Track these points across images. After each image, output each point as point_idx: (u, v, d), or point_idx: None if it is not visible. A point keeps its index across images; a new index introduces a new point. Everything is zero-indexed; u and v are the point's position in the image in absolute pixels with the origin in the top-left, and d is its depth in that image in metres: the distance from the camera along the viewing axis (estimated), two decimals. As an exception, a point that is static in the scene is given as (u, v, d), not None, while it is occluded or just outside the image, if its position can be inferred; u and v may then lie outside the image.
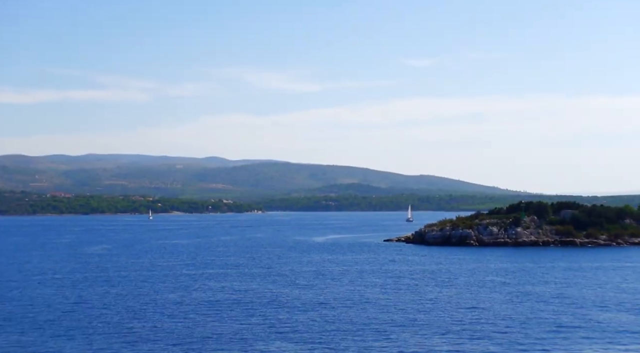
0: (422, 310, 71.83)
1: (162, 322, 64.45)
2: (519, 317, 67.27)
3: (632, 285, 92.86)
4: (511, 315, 68.30)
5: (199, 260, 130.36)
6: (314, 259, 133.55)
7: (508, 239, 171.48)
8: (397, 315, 68.38)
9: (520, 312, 70.47)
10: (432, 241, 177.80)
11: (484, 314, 69.09)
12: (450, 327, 62.49)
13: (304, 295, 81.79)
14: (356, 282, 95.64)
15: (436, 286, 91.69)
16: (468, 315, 68.41)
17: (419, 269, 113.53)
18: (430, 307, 73.79)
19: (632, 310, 71.27)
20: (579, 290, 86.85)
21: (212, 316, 67.68)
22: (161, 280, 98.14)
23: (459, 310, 71.42)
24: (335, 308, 72.29)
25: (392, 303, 75.76)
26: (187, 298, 78.97)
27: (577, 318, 67.13)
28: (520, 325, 63.57)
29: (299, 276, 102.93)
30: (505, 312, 70.15)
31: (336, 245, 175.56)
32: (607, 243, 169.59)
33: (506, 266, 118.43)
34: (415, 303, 75.84)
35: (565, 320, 66.07)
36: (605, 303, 76.45)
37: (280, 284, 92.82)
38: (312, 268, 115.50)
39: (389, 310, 71.62)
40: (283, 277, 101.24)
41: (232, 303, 75.21)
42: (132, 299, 78.90)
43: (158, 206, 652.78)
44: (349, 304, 75.20)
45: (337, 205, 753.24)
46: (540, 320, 66.02)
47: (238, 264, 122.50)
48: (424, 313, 69.85)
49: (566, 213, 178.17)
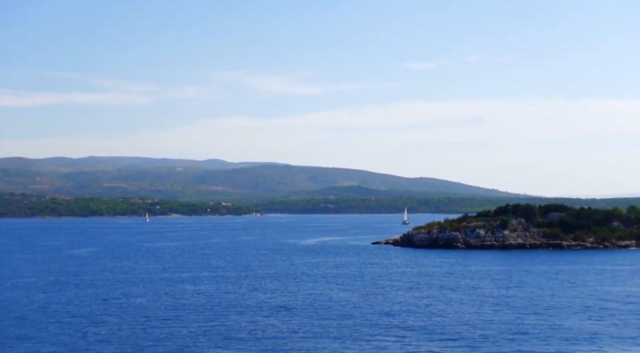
0: (382, 313, 71.36)
1: (119, 327, 64.10)
2: (476, 322, 66.81)
3: (607, 289, 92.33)
4: (470, 320, 67.85)
5: (179, 264, 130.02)
6: (295, 262, 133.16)
7: (495, 242, 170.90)
8: (353, 319, 67.91)
9: (481, 316, 70.00)
10: (419, 244, 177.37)
11: (441, 318, 68.63)
12: (401, 331, 62.07)
13: (270, 299, 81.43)
14: (328, 285, 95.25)
15: (407, 289, 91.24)
16: (424, 319, 67.97)
17: (396, 272, 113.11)
18: (391, 310, 73.32)
19: (596, 316, 70.62)
20: (550, 294, 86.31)
21: (171, 321, 67.30)
22: (135, 283, 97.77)
23: (417, 314, 70.93)
24: (296, 313, 71.88)
25: (355, 307, 75.33)
26: (153, 303, 78.59)
27: (538, 323, 66.66)
28: (474, 329, 63.14)
29: (273, 279, 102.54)
30: (464, 316, 69.68)
31: (322, 248, 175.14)
32: (594, 246, 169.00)
33: (485, 269, 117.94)
34: (377, 307, 75.36)
35: (523, 324, 65.60)
36: (573, 307, 75.91)
37: (251, 288, 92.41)
38: (289, 271, 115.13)
39: (349, 313, 71.17)
40: (257, 280, 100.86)
41: (195, 308, 74.83)
42: (98, 303, 78.56)
43: (157, 208, 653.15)
44: (310, 308, 74.78)
45: (336, 207, 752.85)
46: (499, 324, 65.59)
47: (216, 267, 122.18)
48: (383, 316, 69.37)
49: (554, 216, 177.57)
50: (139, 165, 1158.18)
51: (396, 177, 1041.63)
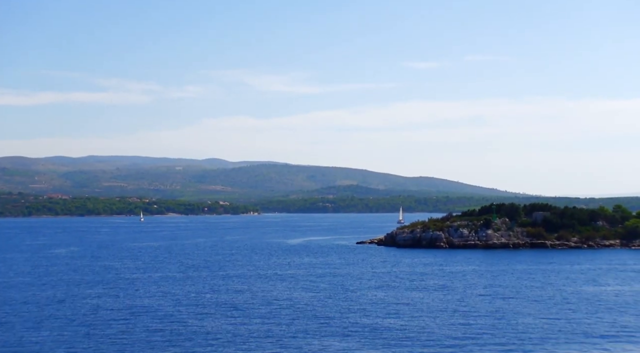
0: (336, 314, 70.32)
1: (60, 332, 62.68)
2: (427, 324, 65.77)
3: (572, 288, 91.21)
4: (422, 321, 66.82)
5: (153, 264, 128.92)
6: (271, 262, 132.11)
7: (478, 241, 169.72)
8: (301, 320, 66.88)
9: (437, 318, 68.94)
10: (402, 243, 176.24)
11: (393, 319, 67.57)
12: (348, 331, 61.06)
13: (227, 300, 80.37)
14: (294, 285, 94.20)
15: (373, 289, 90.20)
16: (377, 319, 66.94)
17: (368, 272, 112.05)
18: (347, 310, 72.26)
19: (549, 318, 69.60)
20: (513, 294, 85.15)
21: (120, 322, 66.28)
22: (99, 284, 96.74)
23: (371, 314, 69.90)
24: (247, 314, 70.88)
25: (310, 307, 74.30)
26: (106, 305, 77.52)
27: (487, 324, 65.59)
28: (422, 331, 62.13)
29: (241, 279, 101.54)
30: (417, 318, 68.62)
31: (305, 248, 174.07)
32: (577, 246, 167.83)
33: (459, 269, 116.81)
34: (333, 307, 74.30)
35: (470, 327, 64.54)
36: (528, 309, 74.80)
37: (214, 288, 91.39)
38: (261, 271, 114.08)
39: (300, 314, 70.14)
40: (224, 281, 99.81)
41: (147, 309, 73.70)
42: (51, 305, 77.48)
43: (154, 208, 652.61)
44: (264, 309, 73.76)
45: (334, 206, 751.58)
46: (448, 326, 64.52)
47: (189, 267, 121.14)
48: (336, 318, 68.33)
49: (538, 215, 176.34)
50: (138, 164, 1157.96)
51: (395, 177, 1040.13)
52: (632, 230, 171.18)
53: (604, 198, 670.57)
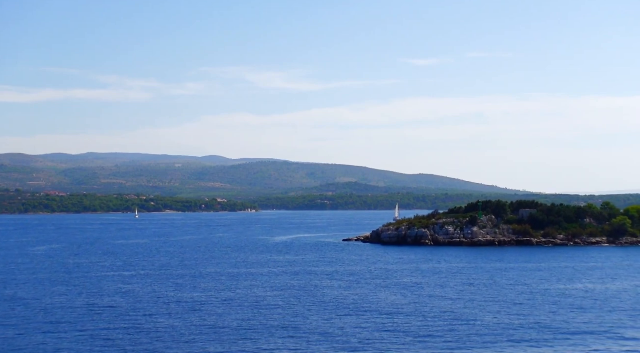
0: (301, 312, 69.01)
1: (16, 331, 61.49)
2: (390, 324, 64.42)
3: (541, 287, 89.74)
4: (370, 320, 65.45)
5: (131, 262, 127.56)
6: (248, 260, 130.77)
7: (464, 239, 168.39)
8: (249, 321, 65.54)
9: (400, 315, 67.60)
10: (387, 240, 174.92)
11: (361, 318, 66.24)
12: (285, 332, 59.72)
13: (187, 299, 79.09)
14: (261, 284, 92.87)
15: (336, 288, 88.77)
16: (341, 320, 65.57)
17: (341, 271, 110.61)
18: (299, 310, 70.90)
19: (509, 319, 68.24)
20: (480, 294, 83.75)
21: (72, 322, 65.04)
22: (67, 282, 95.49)
23: (323, 314, 68.55)
24: (203, 313, 69.59)
25: (267, 307, 73.01)
26: (67, 302, 76.40)
27: (446, 324, 64.23)
28: (377, 331, 60.85)
29: (211, 278, 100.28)
30: (368, 317, 67.26)
31: (288, 246, 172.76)
32: (564, 243, 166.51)
33: (436, 267, 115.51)
34: (292, 308, 72.95)
35: (426, 326, 63.17)
36: (488, 309, 73.41)
37: (179, 286, 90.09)
38: (234, 270, 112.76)
39: (265, 312, 68.85)
40: (192, 280, 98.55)
41: (104, 309, 72.37)
42: (7, 304, 76.14)
43: (151, 205, 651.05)
44: (221, 308, 72.56)
45: (333, 204, 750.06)
46: (405, 326, 63.19)
47: (165, 265, 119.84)
48: (298, 316, 67.00)
49: (524, 213, 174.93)
50: (138, 161, 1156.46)
51: (395, 174, 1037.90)
52: (619, 227, 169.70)
53: (605, 196, 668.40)
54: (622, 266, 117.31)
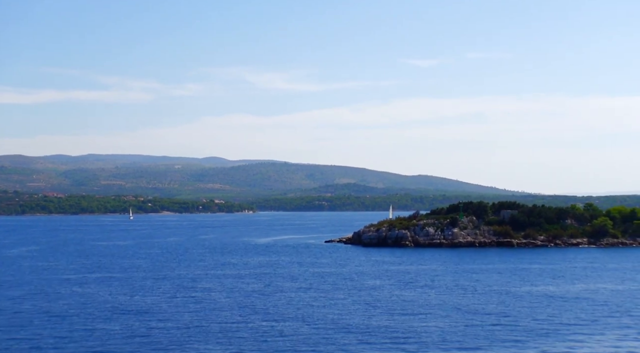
0: (235, 317, 68.15)
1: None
2: (337, 324, 63.52)
3: (500, 288, 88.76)
4: (319, 322, 64.61)
5: (101, 264, 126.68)
6: (218, 262, 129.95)
7: (444, 240, 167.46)
8: (205, 322, 64.66)
9: (342, 317, 66.71)
10: (367, 242, 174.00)
11: (303, 320, 65.36)
12: (238, 335, 58.88)
13: (139, 302, 78.30)
14: (224, 287, 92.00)
15: (296, 290, 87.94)
16: (272, 322, 64.70)
17: (309, 272, 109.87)
18: (251, 312, 70.07)
19: (459, 318, 67.31)
20: (436, 295, 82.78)
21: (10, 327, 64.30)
22: (24, 284, 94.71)
23: (269, 316, 67.71)
24: (151, 316, 68.85)
25: (221, 309, 72.19)
26: (18, 306, 75.59)
27: (390, 325, 63.29)
28: (325, 330, 59.91)
29: (172, 281, 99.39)
30: (318, 318, 66.41)
31: (269, 247, 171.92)
32: (544, 244, 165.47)
33: (407, 268, 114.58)
34: (240, 310, 72.14)
35: (369, 325, 62.27)
36: (441, 308, 72.52)
37: (137, 290, 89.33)
38: (199, 272, 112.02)
39: (208, 315, 67.99)
40: (153, 282, 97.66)
41: (48, 315, 71.41)
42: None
43: (148, 206, 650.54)
44: (170, 312, 71.79)
45: (331, 205, 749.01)
46: (348, 327, 62.30)
47: (134, 268, 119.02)
48: (240, 322, 66.06)
49: (505, 214, 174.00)
50: (138, 163, 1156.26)
51: (394, 175, 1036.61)
52: (600, 228, 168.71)
53: (602, 196, 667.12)
54: (591, 268, 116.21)
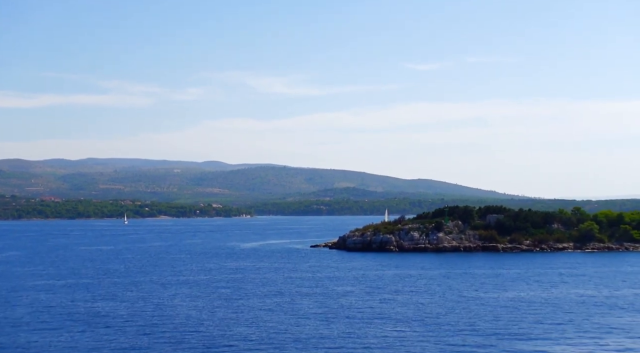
0: (193, 324, 66.60)
1: None
2: (285, 333, 61.98)
3: (469, 294, 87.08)
4: (274, 329, 63.06)
5: (75, 270, 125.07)
6: (194, 267, 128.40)
7: (429, 245, 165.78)
8: (158, 329, 63.17)
9: (299, 326, 65.19)
10: (352, 247, 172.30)
11: (257, 327, 63.80)
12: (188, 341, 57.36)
13: (102, 308, 76.91)
14: (189, 293, 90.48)
15: (267, 296, 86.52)
16: (224, 329, 63.18)
17: (283, 278, 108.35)
18: (205, 319, 68.55)
19: (420, 324, 65.72)
20: (401, 302, 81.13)
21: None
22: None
23: (231, 323, 66.18)
24: (107, 324, 67.34)
25: (178, 316, 70.72)
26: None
27: (347, 330, 61.72)
28: (276, 338, 58.37)
29: (139, 287, 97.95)
30: (273, 325, 64.86)
31: (252, 252, 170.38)
32: (529, 249, 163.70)
33: (384, 274, 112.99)
34: (195, 317, 70.51)
35: (321, 333, 60.71)
36: (399, 316, 70.94)
37: (103, 296, 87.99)
38: (172, 277, 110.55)
39: (163, 322, 66.51)
40: (121, 288, 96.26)
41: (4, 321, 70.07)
42: None
43: (145, 211, 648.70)
44: (123, 318, 70.31)
45: (329, 209, 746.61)
46: (306, 333, 60.75)
47: (107, 273, 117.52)
48: (190, 328, 64.58)
49: (491, 218, 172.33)
50: (137, 167, 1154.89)
51: (394, 179, 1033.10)
52: (587, 233, 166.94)
53: (601, 201, 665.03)
54: (567, 274, 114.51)
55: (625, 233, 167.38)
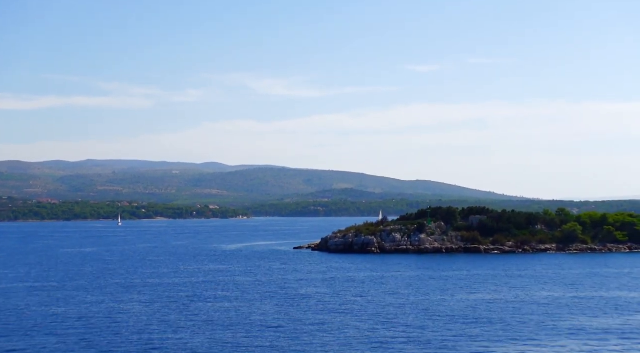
0: (147, 326, 65.13)
1: None
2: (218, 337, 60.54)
3: (433, 297, 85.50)
4: (212, 333, 61.61)
5: (44, 273, 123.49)
6: (169, 270, 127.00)
7: (411, 246, 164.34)
8: (105, 334, 61.73)
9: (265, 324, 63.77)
10: (334, 248, 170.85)
11: (203, 333, 62.39)
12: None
13: (53, 313, 75.63)
14: (150, 297, 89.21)
15: (226, 299, 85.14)
16: (168, 334, 61.67)
17: (252, 280, 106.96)
18: (153, 322, 67.06)
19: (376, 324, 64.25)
20: (361, 305, 79.63)
21: None
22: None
23: (166, 328, 64.72)
24: (53, 330, 65.92)
25: (128, 320, 69.31)
26: None
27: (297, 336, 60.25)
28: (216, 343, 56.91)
29: (104, 290, 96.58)
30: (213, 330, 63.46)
31: (232, 254, 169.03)
32: (512, 250, 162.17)
33: (355, 276, 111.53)
34: (155, 319, 69.03)
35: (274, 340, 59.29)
36: (352, 320, 69.48)
37: (54, 300, 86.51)
38: (141, 280, 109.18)
39: (109, 327, 65.09)
40: (80, 292, 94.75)
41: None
42: None
43: (142, 212, 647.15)
44: (72, 320, 68.74)
45: (327, 210, 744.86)
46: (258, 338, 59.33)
47: (76, 275, 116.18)
48: (133, 333, 63.13)
49: (474, 219, 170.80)
50: (136, 168, 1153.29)
51: (392, 180, 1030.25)
52: (569, 234, 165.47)
53: (599, 202, 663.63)
54: (540, 275, 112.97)
55: (609, 235, 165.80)
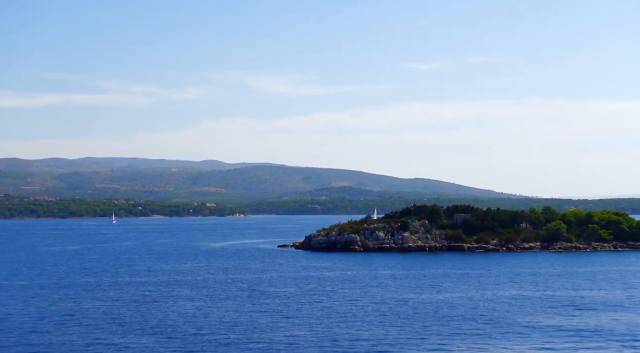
0: (101, 327, 63.99)
1: None
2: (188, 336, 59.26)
3: (403, 295, 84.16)
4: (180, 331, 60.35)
5: (16, 271, 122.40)
6: (147, 267, 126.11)
7: (394, 244, 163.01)
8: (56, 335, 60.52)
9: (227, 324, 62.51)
10: (317, 246, 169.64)
11: (161, 333, 61.15)
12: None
13: (9, 313, 74.20)
14: (114, 295, 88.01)
15: (192, 299, 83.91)
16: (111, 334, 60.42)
17: (225, 279, 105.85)
18: (112, 320, 65.82)
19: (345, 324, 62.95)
20: (327, 303, 78.29)
21: None
22: None
23: (133, 326, 63.46)
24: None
25: (83, 321, 68.30)
26: None
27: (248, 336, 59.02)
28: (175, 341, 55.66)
29: (70, 289, 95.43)
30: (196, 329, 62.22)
31: (214, 252, 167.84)
32: (496, 249, 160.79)
33: (327, 274, 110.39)
34: (109, 319, 67.80)
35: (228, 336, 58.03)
36: (314, 318, 68.21)
37: (17, 299, 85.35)
38: (113, 279, 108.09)
39: (58, 328, 63.94)
40: (49, 290, 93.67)
41: None
42: None
43: (138, 210, 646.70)
44: (30, 322, 67.67)
45: (324, 208, 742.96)
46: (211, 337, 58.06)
47: (43, 275, 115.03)
48: (87, 334, 61.95)
49: (458, 217, 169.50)
50: (134, 166, 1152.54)
51: (391, 178, 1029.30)
52: (554, 232, 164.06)
53: (597, 200, 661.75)
54: (516, 273, 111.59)
55: (594, 233, 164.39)
